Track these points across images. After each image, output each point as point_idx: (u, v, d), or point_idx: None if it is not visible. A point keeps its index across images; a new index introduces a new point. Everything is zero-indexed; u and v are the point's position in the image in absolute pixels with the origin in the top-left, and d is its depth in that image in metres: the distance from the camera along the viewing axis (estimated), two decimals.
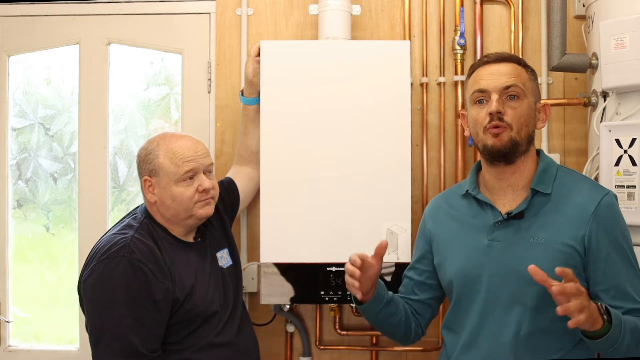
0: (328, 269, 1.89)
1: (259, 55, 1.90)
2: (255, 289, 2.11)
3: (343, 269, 1.87)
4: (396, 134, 1.88)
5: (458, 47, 2.09)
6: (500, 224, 1.43)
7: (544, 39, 2.11)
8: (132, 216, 1.68)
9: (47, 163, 2.36)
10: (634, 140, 1.66)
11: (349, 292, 1.88)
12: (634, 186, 1.66)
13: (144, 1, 2.22)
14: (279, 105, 1.89)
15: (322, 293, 1.89)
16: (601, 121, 1.78)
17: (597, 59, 1.83)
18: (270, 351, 2.13)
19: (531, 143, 1.45)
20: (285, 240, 1.89)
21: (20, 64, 2.32)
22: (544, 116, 1.48)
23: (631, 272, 1.38)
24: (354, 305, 2.05)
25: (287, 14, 2.17)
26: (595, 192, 1.41)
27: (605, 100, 1.80)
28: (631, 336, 1.28)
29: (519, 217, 1.42)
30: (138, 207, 1.73)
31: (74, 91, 2.29)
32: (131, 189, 2.35)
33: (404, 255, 1.85)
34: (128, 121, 2.35)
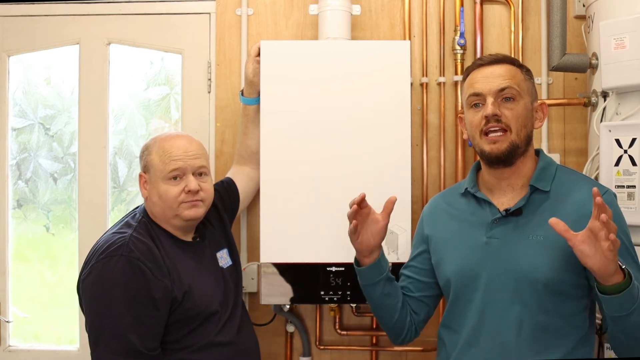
0: (328, 269, 1.89)
1: (259, 55, 1.90)
2: (255, 289, 2.11)
3: (343, 269, 1.90)
4: (396, 134, 1.88)
5: (458, 47, 2.09)
6: (498, 221, 1.43)
7: (544, 39, 2.11)
8: (131, 215, 1.68)
9: (47, 163, 2.36)
10: (634, 140, 1.66)
11: (348, 292, 1.91)
12: (634, 186, 1.66)
13: (144, 1, 2.22)
14: (279, 105, 1.89)
15: (322, 293, 1.89)
16: (601, 121, 1.78)
17: (597, 59, 1.83)
18: (270, 351, 2.13)
19: (530, 143, 1.45)
20: (285, 240, 1.89)
21: (20, 64, 2.32)
22: (541, 115, 1.48)
23: (633, 268, 1.37)
24: (354, 305, 2.07)
25: (287, 14, 2.17)
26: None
27: (605, 100, 1.80)
28: None
29: (516, 214, 1.42)
30: (138, 207, 1.73)
31: (74, 91, 2.29)
32: (131, 189, 2.35)
33: (404, 255, 1.85)
34: (128, 121, 2.35)
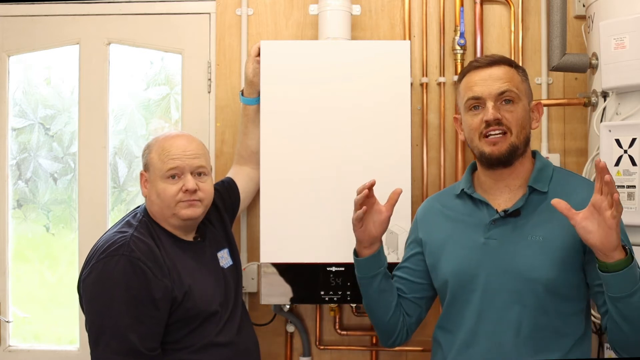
0: (328, 269, 1.89)
1: (259, 55, 1.90)
2: (255, 289, 2.11)
3: (343, 269, 1.90)
4: (396, 134, 1.88)
5: (458, 47, 2.09)
6: (496, 222, 1.43)
7: (544, 39, 2.11)
8: (132, 215, 1.68)
9: (47, 163, 2.36)
10: (634, 140, 1.66)
11: (348, 292, 1.91)
12: (634, 186, 1.66)
13: (144, 1, 2.22)
14: (279, 105, 1.89)
15: (322, 293, 1.89)
16: (601, 121, 1.78)
17: (597, 59, 1.83)
18: (270, 351, 2.13)
19: (528, 144, 1.46)
20: (285, 240, 1.89)
21: (20, 64, 2.32)
22: (537, 115, 1.49)
23: None
24: (354, 305, 2.07)
25: (287, 14, 2.17)
26: (592, 190, 1.41)
27: (605, 100, 1.80)
28: None
29: (515, 214, 1.42)
30: (139, 206, 1.73)
31: (74, 91, 2.29)
32: (131, 189, 2.35)
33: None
34: (128, 121, 2.35)
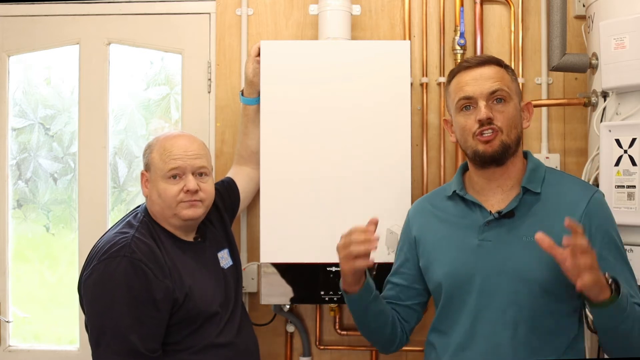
0: (328, 269, 1.89)
1: (259, 55, 1.90)
2: (255, 289, 2.11)
3: None
4: (396, 134, 1.88)
5: (458, 47, 2.09)
6: (490, 223, 1.42)
7: (544, 39, 2.11)
8: (132, 215, 1.68)
9: (47, 163, 2.36)
10: (634, 140, 1.66)
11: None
12: (634, 186, 1.66)
13: (144, 1, 2.22)
14: (279, 105, 1.89)
15: (322, 293, 1.89)
16: (601, 121, 1.78)
17: (597, 59, 1.83)
18: (270, 351, 2.13)
19: (519, 144, 1.45)
20: (285, 240, 1.89)
21: (20, 64, 2.32)
22: (528, 115, 1.49)
23: (624, 267, 1.39)
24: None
25: (287, 14, 2.17)
26: (585, 190, 1.42)
27: (605, 100, 1.80)
28: (633, 313, 1.27)
29: (509, 216, 1.41)
30: (139, 206, 1.73)
31: (74, 91, 2.29)
32: (131, 189, 2.35)
33: None
34: (128, 121, 2.35)
